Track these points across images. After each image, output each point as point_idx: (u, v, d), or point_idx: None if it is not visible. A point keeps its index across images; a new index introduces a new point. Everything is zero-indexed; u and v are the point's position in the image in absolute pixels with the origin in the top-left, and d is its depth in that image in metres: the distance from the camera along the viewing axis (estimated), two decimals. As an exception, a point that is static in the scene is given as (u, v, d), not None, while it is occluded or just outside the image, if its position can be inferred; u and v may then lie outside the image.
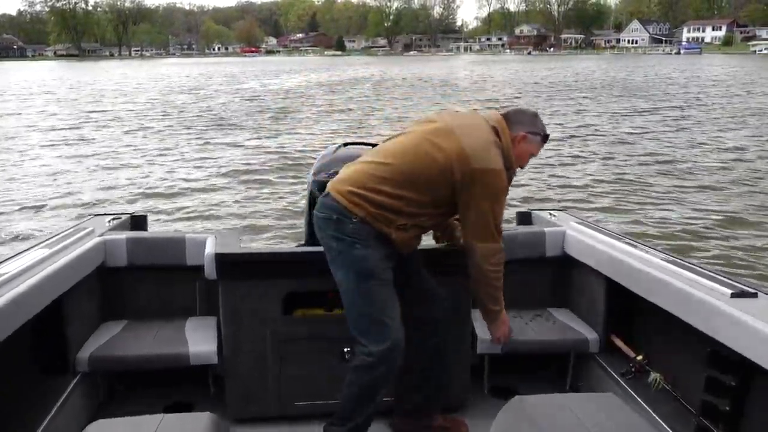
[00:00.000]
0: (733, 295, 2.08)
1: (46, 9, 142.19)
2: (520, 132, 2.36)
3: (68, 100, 27.83)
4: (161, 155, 13.26)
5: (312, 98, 27.56)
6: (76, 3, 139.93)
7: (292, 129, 17.23)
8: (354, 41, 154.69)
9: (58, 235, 2.89)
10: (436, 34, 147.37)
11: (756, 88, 30.26)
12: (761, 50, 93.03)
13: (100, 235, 2.93)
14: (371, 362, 2.27)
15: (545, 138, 2.44)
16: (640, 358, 2.64)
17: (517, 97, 25.93)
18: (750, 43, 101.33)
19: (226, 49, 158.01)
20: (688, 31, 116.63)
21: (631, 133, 15.64)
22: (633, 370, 2.63)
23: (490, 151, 2.26)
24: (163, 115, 20.88)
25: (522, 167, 2.44)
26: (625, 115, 19.55)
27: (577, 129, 16.59)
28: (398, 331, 2.28)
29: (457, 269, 2.51)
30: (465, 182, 2.22)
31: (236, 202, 9.18)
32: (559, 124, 17.15)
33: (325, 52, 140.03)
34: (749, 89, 29.35)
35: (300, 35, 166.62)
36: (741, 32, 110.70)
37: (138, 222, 3.48)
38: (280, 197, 9.30)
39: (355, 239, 2.26)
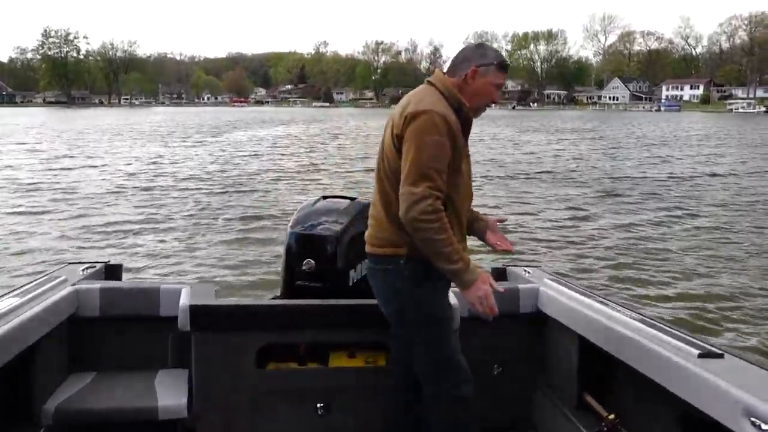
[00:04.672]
0: (700, 356, 2.09)
1: (38, 56, 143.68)
2: (470, 67, 2.29)
3: (49, 146, 27.83)
4: (140, 204, 13.19)
5: (294, 146, 27.84)
6: (67, 51, 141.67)
7: (274, 179, 17.28)
8: (342, 93, 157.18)
9: (29, 283, 2.84)
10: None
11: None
12: (737, 109, 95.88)
13: (73, 284, 2.89)
14: None
15: (501, 66, 2.31)
16: (612, 417, 2.61)
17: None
18: (727, 101, 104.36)
19: (216, 98, 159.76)
20: (667, 89, 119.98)
21: (615, 195, 15.81)
22: (605, 429, 2.59)
23: (424, 98, 2.25)
24: (142, 163, 20.91)
25: (491, 102, 2.36)
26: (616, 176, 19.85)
27: (556, 189, 16.79)
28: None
29: None
30: (402, 133, 2.19)
31: (214, 252, 9.10)
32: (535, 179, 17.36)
33: (314, 104, 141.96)
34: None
35: (289, 86, 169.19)
36: (717, 91, 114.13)
37: (112, 271, 3.43)
38: (259, 248, 9.25)
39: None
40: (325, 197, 3.01)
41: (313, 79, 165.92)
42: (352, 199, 2.97)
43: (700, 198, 14.67)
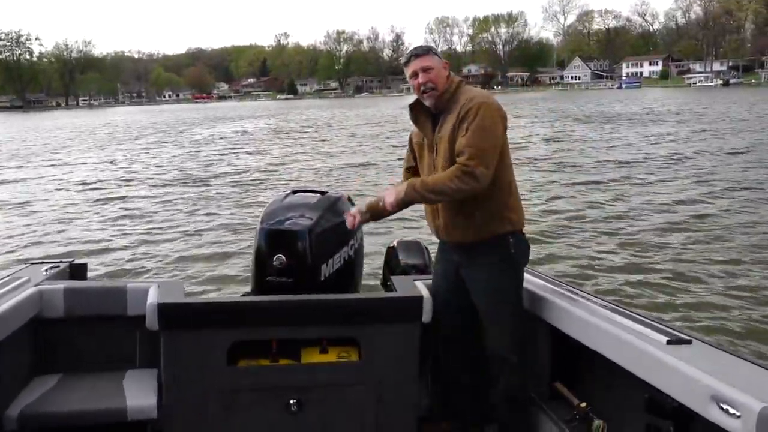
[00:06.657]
0: (668, 342, 2.11)
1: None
2: None
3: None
4: (106, 203, 13.00)
5: (262, 142, 27.59)
6: (20, 54, 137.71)
7: (242, 175, 17.06)
8: (306, 84, 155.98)
9: None
10: (387, 75, 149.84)
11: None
12: (696, 83, 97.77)
13: (36, 285, 2.80)
14: None
15: (404, 62, 2.69)
16: (583, 405, 2.62)
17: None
18: (685, 76, 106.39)
19: (177, 96, 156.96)
20: (627, 67, 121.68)
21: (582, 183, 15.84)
22: (577, 417, 2.61)
23: None
24: (104, 165, 20.56)
25: (417, 92, 2.64)
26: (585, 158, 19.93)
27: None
28: None
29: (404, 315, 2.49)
30: None
31: (183, 250, 8.98)
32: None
33: (278, 96, 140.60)
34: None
35: (251, 80, 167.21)
36: (676, 66, 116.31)
37: (77, 270, 3.36)
38: (228, 245, 9.15)
39: None
40: (295, 191, 2.96)
41: (275, 72, 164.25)
42: (322, 193, 2.93)
43: (667, 177, 14.53)
